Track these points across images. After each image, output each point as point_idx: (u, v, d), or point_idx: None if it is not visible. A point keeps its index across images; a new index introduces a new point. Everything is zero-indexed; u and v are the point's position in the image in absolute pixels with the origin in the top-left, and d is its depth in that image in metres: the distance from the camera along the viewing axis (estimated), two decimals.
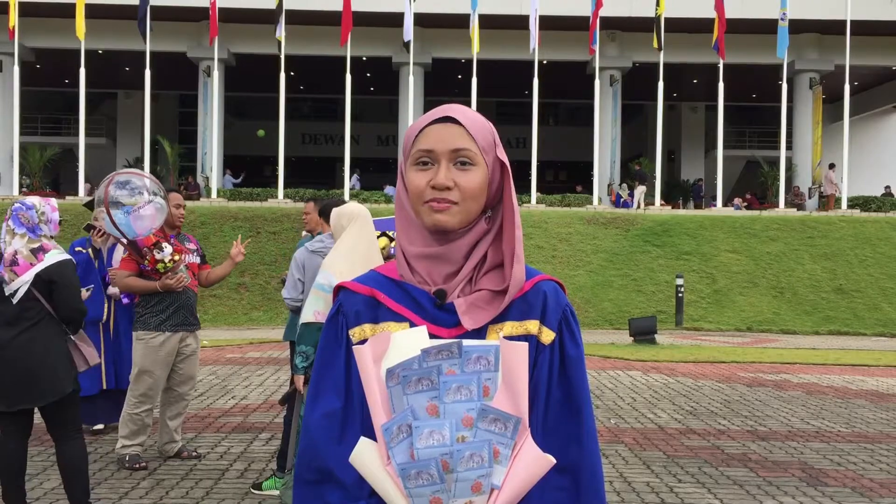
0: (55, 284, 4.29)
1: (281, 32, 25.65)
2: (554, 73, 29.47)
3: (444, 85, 30.83)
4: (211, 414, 7.68)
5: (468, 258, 1.44)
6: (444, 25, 28.48)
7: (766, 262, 21.18)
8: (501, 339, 1.40)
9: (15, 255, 4.29)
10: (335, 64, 28.04)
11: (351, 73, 26.82)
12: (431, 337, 1.40)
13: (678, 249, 21.53)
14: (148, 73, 25.99)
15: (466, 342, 1.37)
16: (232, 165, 32.13)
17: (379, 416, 1.37)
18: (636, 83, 30.64)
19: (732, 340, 16.37)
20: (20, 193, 26.05)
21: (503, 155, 1.46)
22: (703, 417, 7.94)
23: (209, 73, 28.36)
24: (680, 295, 18.48)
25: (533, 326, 1.44)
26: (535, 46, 26.04)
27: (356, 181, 30.59)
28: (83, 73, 25.70)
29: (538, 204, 25.92)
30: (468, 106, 1.47)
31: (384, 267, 1.52)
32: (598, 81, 27.61)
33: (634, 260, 21.14)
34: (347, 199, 15.89)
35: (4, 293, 4.28)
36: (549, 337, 1.45)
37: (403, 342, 1.39)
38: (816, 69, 29.97)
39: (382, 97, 35.08)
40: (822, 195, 28.62)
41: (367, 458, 1.37)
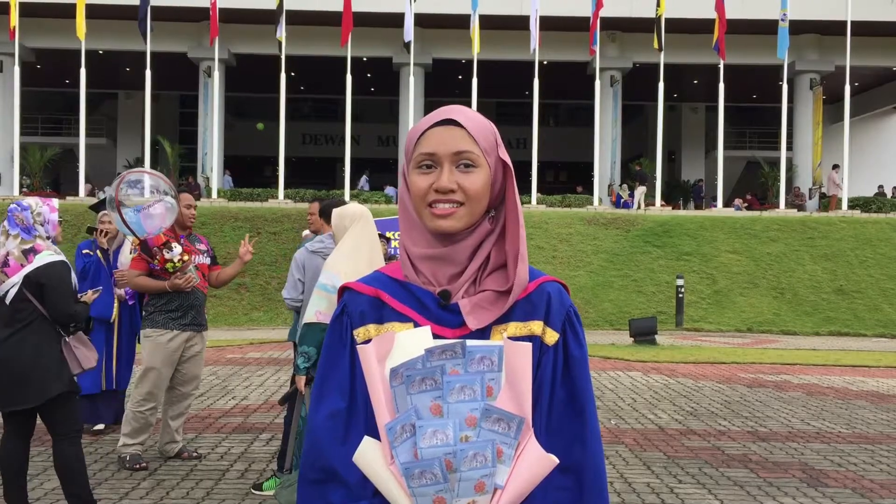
0: (44, 287, 4.24)
1: (281, 33, 25.66)
2: (554, 73, 29.48)
3: (444, 85, 30.84)
4: (211, 414, 7.69)
5: (472, 259, 1.44)
6: (444, 26, 28.49)
7: (766, 262, 21.18)
8: (505, 339, 1.40)
9: (7, 256, 4.27)
10: (335, 64, 28.06)
11: (351, 73, 26.83)
12: (435, 337, 1.40)
13: (678, 250, 21.54)
14: (148, 73, 25.99)
15: (470, 342, 1.37)
16: (231, 166, 32.16)
17: (383, 415, 1.37)
18: (636, 84, 30.65)
19: (733, 341, 16.36)
20: (20, 194, 26.05)
21: (505, 155, 1.46)
22: (703, 418, 7.94)
23: (209, 73, 28.37)
24: (680, 295, 18.49)
25: (537, 327, 1.45)
26: (535, 47, 26.05)
27: (365, 182, 30.57)
28: (83, 73, 25.71)
29: (538, 205, 25.91)
30: (468, 106, 1.47)
31: (389, 268, 1.52)
32: (598, 82, 27.62)
33: (635, 260, 21.15)
34: (348, 199, 15.89)
35: None
36: (552, 338, 1.45)
37: (407, 342, 1.39)
38: (817, 70, 29.98)
39: (383, 98, 35.09)
40: (824, 196, 28.62)
41: (370, 457, 1.38)
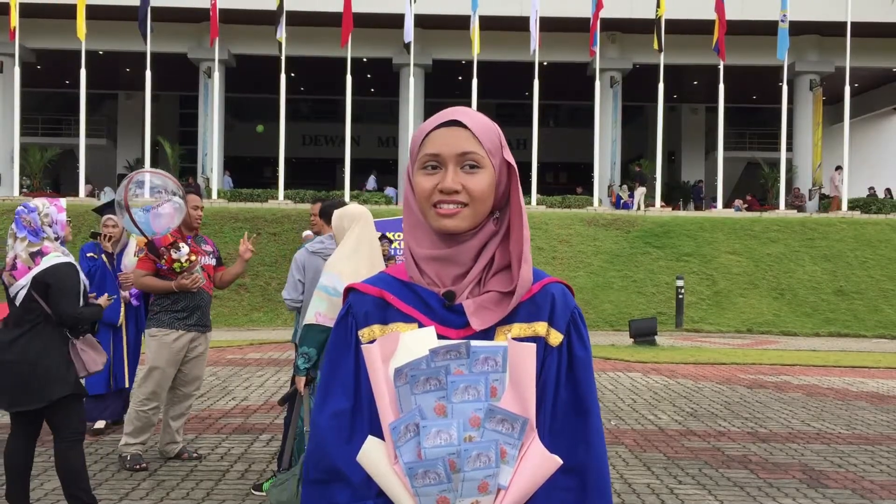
0: (49, 287, 4.26)
1: (281, 33, 25.66)
2: (554, 74, 29.48)
3: (444, 86, 30.85)
4: (211, 415, 7.69)
5: (477, 260, 1.45)
6: (444, 27, 28.49)
7: (766, 263, 21.18)
8: (509, 340, 1.40)
9: (14, 259, 4.29)
10: (335, 65, 28.06)
11: (351, 74, 26.84)
12: (440, 338, 1.41)
13: (678, 251, 21.54)
14: (148, 73, 26.00)
15: (474, 343, 1.37)
16: (231, 167, 32.16)
17: (387, 415, 1.37)
18: (636, 84, 30.65)
19: (733, 342, 16.37)
20: (20, 194, 26.06)
21: (510, 157, 1.47)
22: (703, 419, 7.94)
23: (210, 74, 28.37)
24: (680, 296, 18.49)
25: (541, 328, 1.45)
26: (535, 48, 26.06)
27: (373, 182, 30.56)
28: (84, 73, 25.71)
29: (538, 205, 25.91)
30: (468, 107, 1.48)
31: (393, 269, 1.53)
32: (598, 83, 27.62)
33: (635, 261, 21.15)
34: (348, 200, 15.89)
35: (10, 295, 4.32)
36: (557, 339, 1.46)
37: (412, 342, 1.39)
38: (816, 71, 29.99)
39: (383, 98, 35.09)
40: (825, 196, 28.63)
41: (374, 457, 1.38)
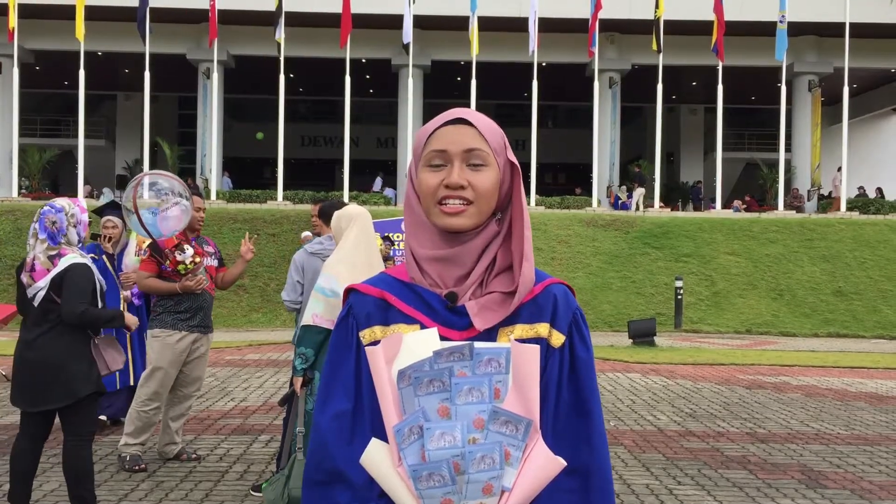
0: (62, 286, 4.30)
1: (280, 34, 25.66)
2: (553, 75, 29.50)
3: (443, 87, 30.86)
4: (210, 416, 7.68)
5: (479, 261, 1.45)
6: (443, 27, 28.50)
7: (765, 264, 21.20)
8: (512, 341, 1.40)
9: (34, 261, 4.35)
10: (334, 66, 28.06)
11: (350, 74, 26.84)
12: (442, 339, 1.41)
13: (677, 251, 21.55)
14: (147, 74, 25.99)
15: (478, 344, 1.37)
16: (230, 168, 32.15)
17: (390, 417, 1.37)
18: (635, 85, 30.66)
19: (731, 343, 16.38)
20: (19, 195, 26.07)
21: (513, 158, 1.47)
22: (702, 420, 7.95)
23: (208, 74, 28.36)
24: (679, 297, 18.50)
25: (543, 329, 1.45)
26: (534, 48, 26.08)
27: (380, 184, 30.52)
28: (83, 74, 25.69)
29: (537, 206, 25.92)
30: (468, 108, 1.49)
31: (394, 269, 1.53)
32: (597, 83, 27.64)
33: (633, 262, 21.16)
34: (347, 200, 15.86)
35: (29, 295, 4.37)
36: (559, 340, 1.45)
37: (415, 344, 1.39)
38: (815, 71, 30.01)
39: (382, 99, 35.09)
40: (825, 197, 28.63)
41: (378, 459, 1.38)
